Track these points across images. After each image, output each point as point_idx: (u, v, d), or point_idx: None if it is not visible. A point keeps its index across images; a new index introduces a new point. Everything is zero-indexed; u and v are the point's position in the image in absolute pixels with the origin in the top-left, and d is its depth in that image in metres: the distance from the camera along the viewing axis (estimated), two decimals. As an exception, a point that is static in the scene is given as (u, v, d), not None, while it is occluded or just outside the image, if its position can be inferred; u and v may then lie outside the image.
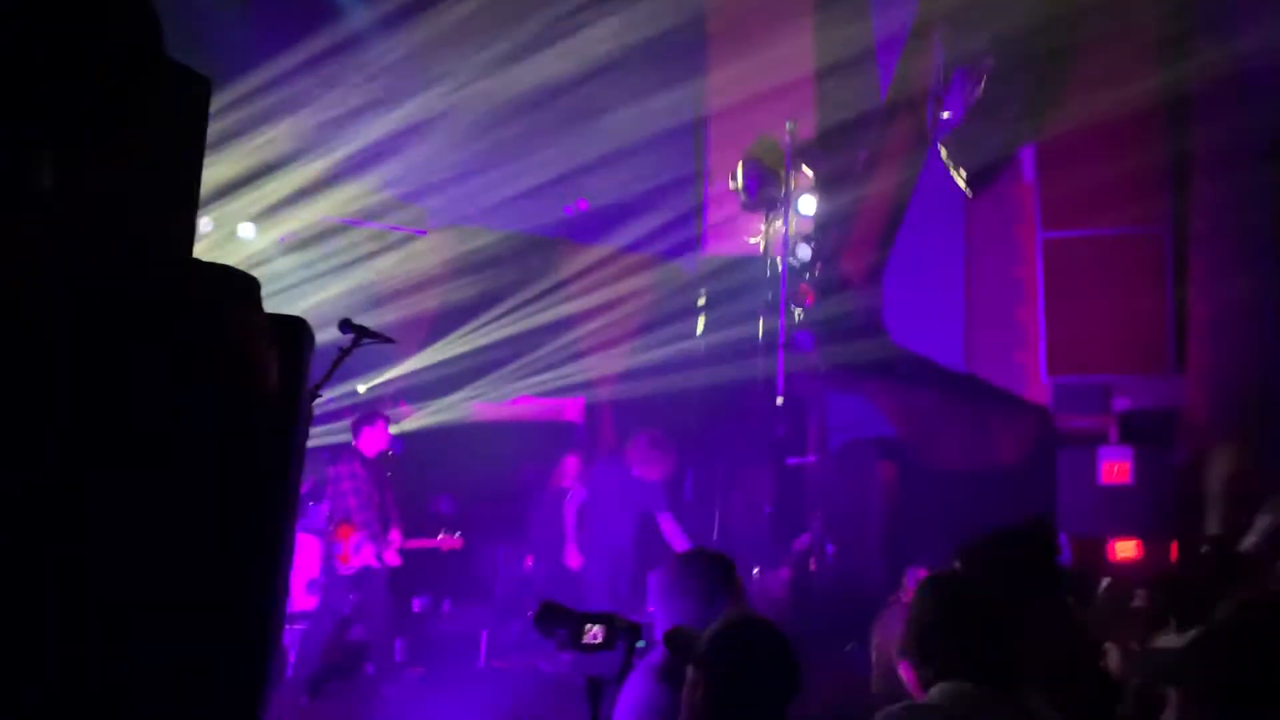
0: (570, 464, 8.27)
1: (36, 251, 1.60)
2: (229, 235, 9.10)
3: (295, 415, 2.01)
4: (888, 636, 5.51)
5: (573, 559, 7.56)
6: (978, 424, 8.61)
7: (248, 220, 9.03)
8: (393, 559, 7.30)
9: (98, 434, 1.65)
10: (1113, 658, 3.85)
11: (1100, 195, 8.61)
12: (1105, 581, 4.97)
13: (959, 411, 8.73)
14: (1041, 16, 8.01)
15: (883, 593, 7.15)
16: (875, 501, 8.38)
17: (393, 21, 8.32)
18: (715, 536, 7.47)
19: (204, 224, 8.53)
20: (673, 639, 2.69)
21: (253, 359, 1.78)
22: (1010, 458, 8.42)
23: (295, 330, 1.97)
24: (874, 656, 5.95)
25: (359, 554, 7.14)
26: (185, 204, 2.27)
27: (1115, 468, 8.32)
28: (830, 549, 7.86)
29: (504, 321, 9.64)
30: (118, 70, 1.79)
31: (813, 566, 7.58)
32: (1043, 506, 8.00)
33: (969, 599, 2.48)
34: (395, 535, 7.35)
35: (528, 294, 9.68)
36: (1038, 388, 8.98)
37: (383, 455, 7.71)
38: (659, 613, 3.17)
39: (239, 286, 1.82)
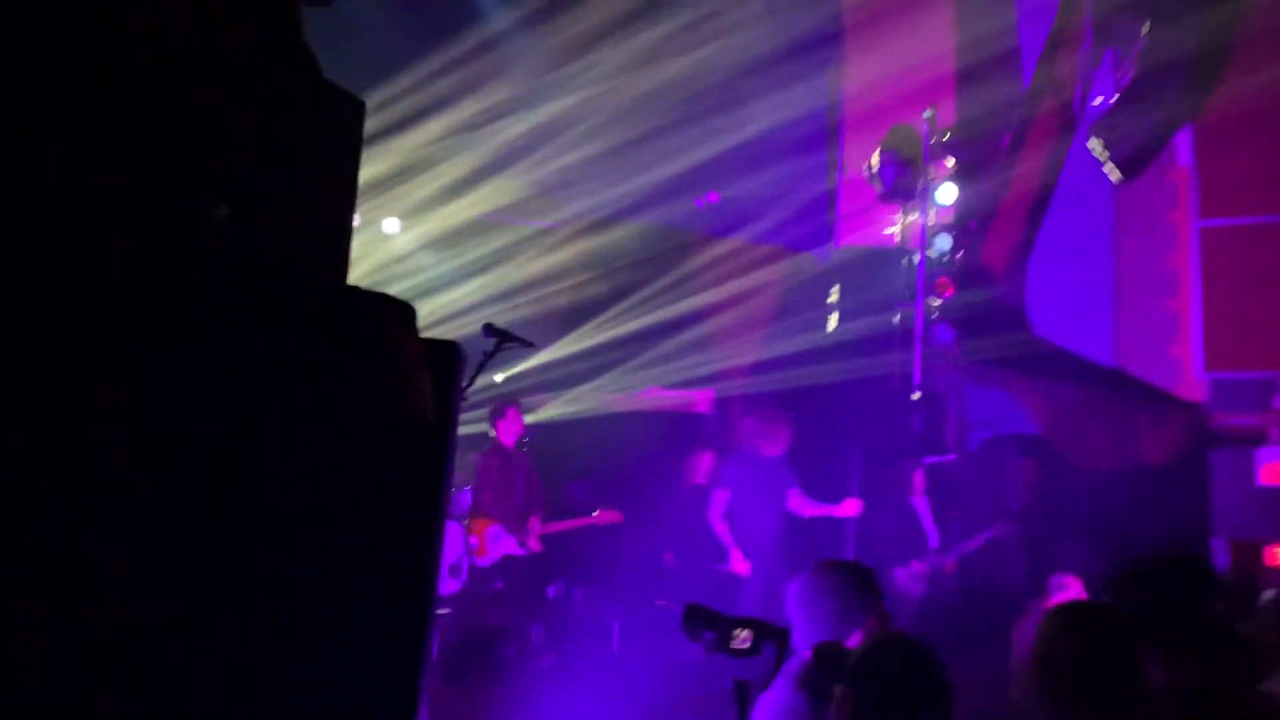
0: (704, 461, 8.24)
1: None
2: (374, 230, 9.41)
3: (449, 437, 2.08)
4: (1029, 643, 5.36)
5: (739, 564, 7.37)
6: (1125, 421, 8.26)
7: (392, 216, 9.33)
8: (535, 545, 7.46)
9: (263, 458, 1.74)
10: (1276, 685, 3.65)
11: (1262, 180, 8.14)
12: (1268, 594, 4.69)
13: (1106, 408, 8.40)
14: None
15: (1023, 597, 6.94)
16: (1016, 501, 8.14)
17: (533, 21, 8.45)
18: (853, 533, 7.37)
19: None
20: (822, 653, 2.68)
21: (410, 386, 1.84)
22: (1160, 457, 8.06)
23: (449, 355, 2.04)
24: (1015, 663, 5.81)
25: (496, 544, 7.31)
26: (342, 225, 2.36)
27: (1277, 468, 7.90)
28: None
29: (636, 313, 9.70)
30: (281, 102, 1.86)
31: (951, 568, 7.40)
32: (1195, 509, 7.65)
33: (1100, 636, 2.41)
34: (534, 523, 7.50)
35: (659, 286, 9.71)
36: (1191, 383, 8.56)
37: (521, 443, 7.87)
38: (798, 622, 3.16)
39: (397, 314, 1.89)
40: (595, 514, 7.78)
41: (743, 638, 2.75)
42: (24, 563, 1.48)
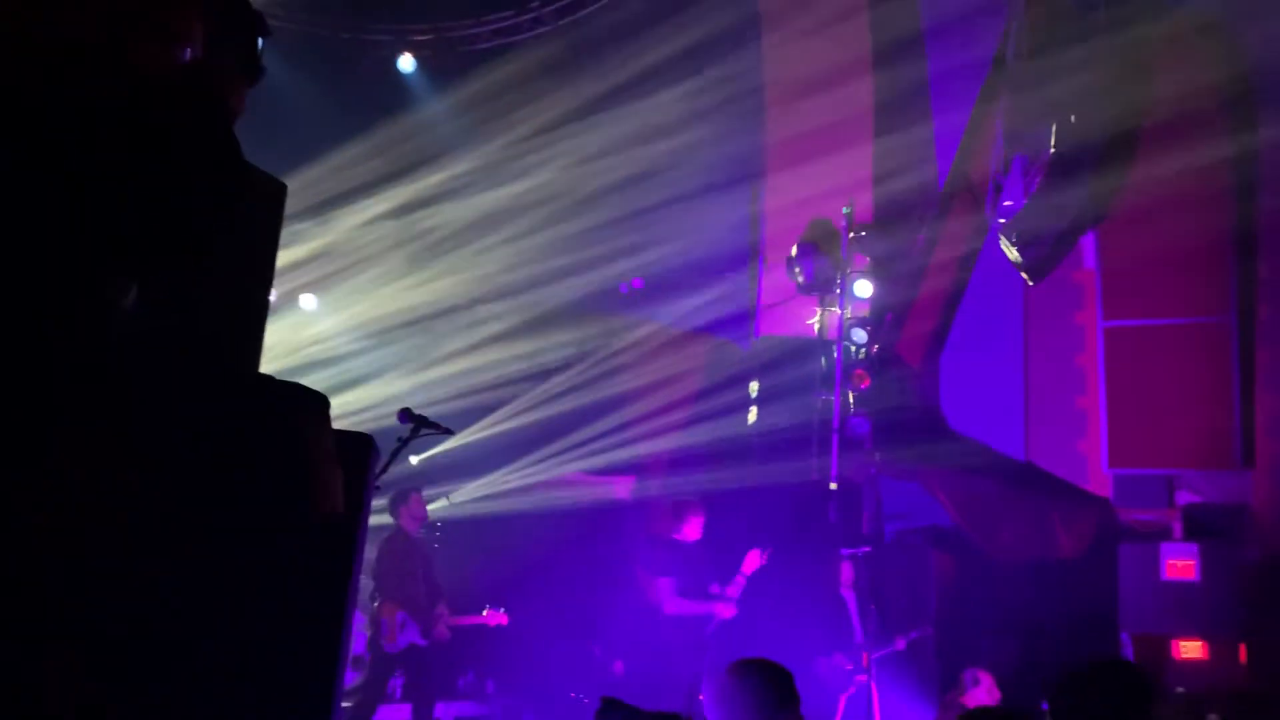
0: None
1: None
2: (291, 307, 9.29)
3: (358, 529, 2.02)
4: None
5: (727, 610, 7.09)
6: (1037, 515, 8.41)
7: (309, 294, 9.23)
8: (441, 634, 7.27)
9: (163, 541, 1.67)
10: None
11: (1163, 283, 8.49)
12: (1178, 691, 4.74)
13: (1018, 501, 8.54)
14: (1104, 105, 7.99)
15: (938, 692, 6.95)
16: (930, 594, 8.19)
17: (464, 110, 8.56)
18: (770, 627, 7.28)
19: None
20: None
21: (318, 478, 1.79)
22: (1071, 551, 8.20)
23: (362, 447, 1.99)
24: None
25: (404, 632, 7.11)
26: (258, 310, 2.31)
27: (1179, 564, 8.10)
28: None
29: (557, 397, 9.66)
30: (196, 185, 1.81)
31: (865, 662, 7.37)
32: (1104, 603, 7.78)
33: None
34: (442, 610, 7.33)
35: (581, 370, 9.71)
36: (1099, 479, 8.77)
37: (424, 530, 7.73)
38: (713, 723, 3.10)
39: (308, 405, 1.84)
40: (484, 613, 7.66)
41: (659, 734, 2.69)
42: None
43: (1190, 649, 7.68)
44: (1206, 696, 4.58)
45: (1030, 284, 8.64)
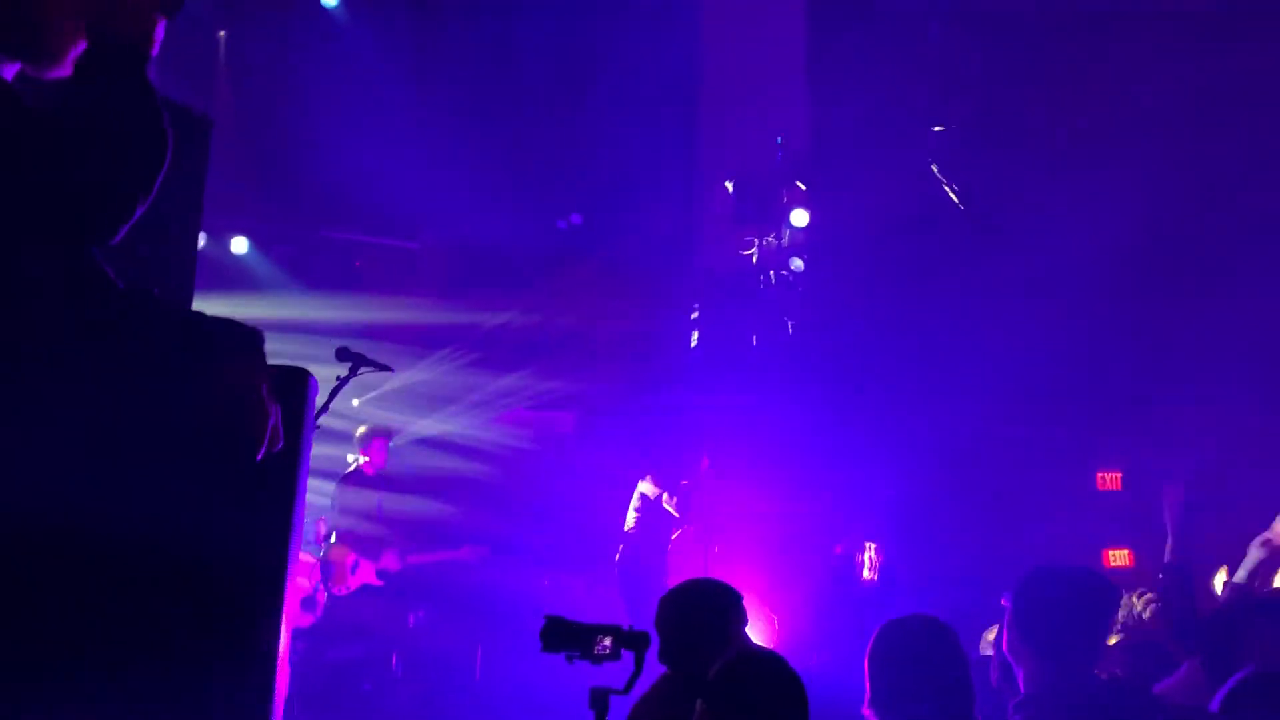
0: None
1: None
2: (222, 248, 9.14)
3: (298, 465, 2.02)
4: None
5: None
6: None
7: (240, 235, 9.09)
8: (393, 565, 7.34)
9: (93, 482, 1.68)
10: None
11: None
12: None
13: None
14: None
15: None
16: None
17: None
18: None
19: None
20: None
21: (254, 414, 1.79)
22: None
23: (298, 380, 1.99)
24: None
25: (356, 574, 7.15)
26: (188, 246, 2.28)
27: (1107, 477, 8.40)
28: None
29: (496, 335, 9.62)
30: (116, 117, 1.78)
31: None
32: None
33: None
34: (393, 553, 7.38)
35: (521, 307, 9.66)
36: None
37: (381, 472, 7.74)
38: (667, 637, 3.15)
39: (241, 340, 1.83)
40: (461, 549, 7.75)
41: (603, 643, 2.74)
42: None
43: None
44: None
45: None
